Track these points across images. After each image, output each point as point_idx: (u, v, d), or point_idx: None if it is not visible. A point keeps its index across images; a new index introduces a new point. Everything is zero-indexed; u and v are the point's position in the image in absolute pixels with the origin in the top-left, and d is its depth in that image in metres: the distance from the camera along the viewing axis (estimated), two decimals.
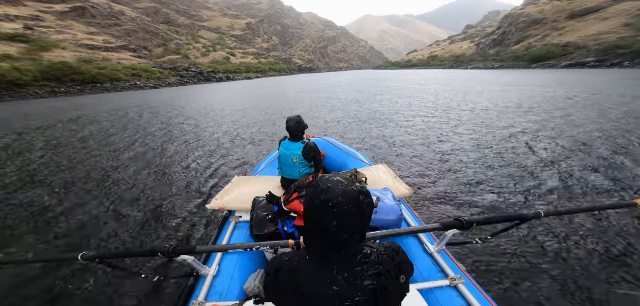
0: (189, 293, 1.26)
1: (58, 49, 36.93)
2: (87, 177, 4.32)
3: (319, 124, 8.06)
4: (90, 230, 2.80)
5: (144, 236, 2.65)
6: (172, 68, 47.14)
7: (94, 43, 48.07)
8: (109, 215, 3.09)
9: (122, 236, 2.65)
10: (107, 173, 4.48)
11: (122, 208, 3.21)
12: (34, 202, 3.45)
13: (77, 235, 2.74)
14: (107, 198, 3.50)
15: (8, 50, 29.27)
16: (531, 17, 75.53)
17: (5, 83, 20.76)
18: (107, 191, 3.74)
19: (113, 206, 3.29)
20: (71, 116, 11.09)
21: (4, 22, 41.09)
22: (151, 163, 4.93)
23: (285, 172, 2.12)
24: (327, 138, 3.18)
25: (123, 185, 3.95)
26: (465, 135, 5.86)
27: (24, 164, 5.08)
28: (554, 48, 53.04)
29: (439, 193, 3.25)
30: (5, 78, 20.80)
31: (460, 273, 1.31)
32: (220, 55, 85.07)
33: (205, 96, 19.23)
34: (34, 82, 22.68)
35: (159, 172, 4.43)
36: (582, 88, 13.85)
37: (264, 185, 2.19)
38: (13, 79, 21.20)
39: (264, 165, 2.82)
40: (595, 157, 4.17)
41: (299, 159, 2.00)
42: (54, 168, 4.84)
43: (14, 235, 2.79)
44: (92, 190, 3.80)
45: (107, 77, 28.87)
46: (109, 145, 6.30)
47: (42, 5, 54.64)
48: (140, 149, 5.88)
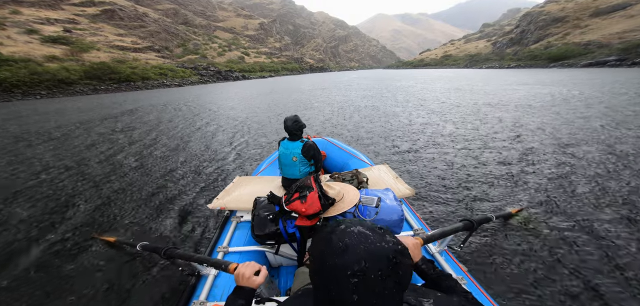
0: (190, 293, 1.27)
1: (94, 50, 40.39)
2: (115, 168, 4.68)
3: (320, 119, 8.66)
4: (93, 216, 3.00)
5: (144, 237, 2.64)
6: (193, 67, 49.91)
7: (123, 44, 51.74)
8: (113, 210, 3.19)
9: (123, 235, 2.70)
10: (139, 163, 4.85)
11: (124, 205, 3.28)
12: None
13: (90, 215, 3.03)
14: (118, 192, 3.66)
15: (53, 52, 32.64)
16: (552, 15, 73.01)
17: (56, 81, 23.56)
18: (120, 183, 3.98)
19: (116, 202, 3.41)
20: (124, 109, 13.03)
21: (45, 25, 45.27)
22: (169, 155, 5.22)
23: (286, 172, 2.13)
24: (327, 138, 3.19)
25: (139, 177, 4.15)
26: (467, 134, 5.85)
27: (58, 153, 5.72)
28: (574, 46, 51.48)
29: (440, 193, 3.24)
30: (56, 77, 23.61)
31: (462, 273, 1.31)
32: (235, 55, 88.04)
33: (230, 92, 20.98)
34: (79, 80, 25.48)
35: (175, 166, 4.63)
36: (589, 87, 14.08)
37: (265, 185, 2.21)
38: (63, 78, 23.99)
39: (264, 165, 2.84)
40: (588, 159, 4.11)
41: (298, 158, 2.02)
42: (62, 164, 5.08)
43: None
44: (112, 179, 4.10)
45: (138, 76, 31.56)
46: (143, 139, 6.79)
47: (76, 9, 59.23)
48: (164, 142, 6.23)
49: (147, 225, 2.84)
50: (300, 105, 12.66)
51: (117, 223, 2.92)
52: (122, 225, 2.89)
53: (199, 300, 1.19)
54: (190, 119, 9.66)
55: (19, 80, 21.35)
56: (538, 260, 2.06)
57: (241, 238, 1.65)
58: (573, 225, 2.47)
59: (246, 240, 1.63)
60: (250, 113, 10.70)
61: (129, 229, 2.80)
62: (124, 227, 2.86)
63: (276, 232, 1.42)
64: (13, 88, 20.90)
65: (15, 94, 20.79)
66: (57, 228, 2.85)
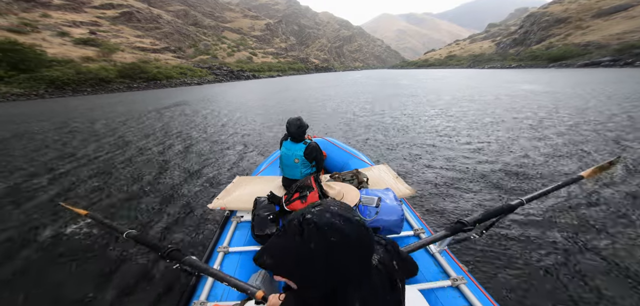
0: (190, 293, 1.27)
1: (119, 51, 43.79)
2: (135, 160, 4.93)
3: (323, 114, 9.42)
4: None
5: (144, 235, 2.60)
6: (208, 67, 53.08)
7: (143, 45, 55.16)
8: (116, 208, 3.23)
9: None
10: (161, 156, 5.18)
11: (126, 204, 3.29)
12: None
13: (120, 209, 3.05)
14: (121, 189, 3.71)
15: (87, 53, 36.00)
16: (554, 15, 74.23)
17: (98, 79, 26.75)
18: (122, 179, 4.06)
19: (121, 199, 3.43)
20: (174, 101, 15.71)
21: (72, 28, 48.89)
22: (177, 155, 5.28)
23: (287, 172, 2.14)
24: (328, 138, 3.23)
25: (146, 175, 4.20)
26: (467, 133, 5.88)
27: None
28: (573, 47, 53.15)
29: (440, 193, 3.24)
30: (98, 76, 26.82)
31: (462, 273, 1.32)
32: (243, 55, 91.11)
33: (249, 89, 23.43)
34: (115, 79, 28.68)
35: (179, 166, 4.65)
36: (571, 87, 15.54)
37: (265, 185, 2.22)
38: (103, 77, 27.20)
39: (265, 165, 2.86)
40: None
41: (300, 160, 2.03)
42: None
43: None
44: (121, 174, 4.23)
45: (163, 75, 34.71)
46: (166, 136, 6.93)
47: (97, 11, 62.94)
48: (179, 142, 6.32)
49: (141, 227, 2.81)
50: (316, 100, 15.15)
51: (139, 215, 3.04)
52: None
53: (199, 300, 1.21)
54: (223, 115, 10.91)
55: (69, 79, 24.58)
56: (540, 261, 2.06)
57: (241, 238, 1.66)
58: (575, 227, 2.45)
59: (246, 240, 1.63)
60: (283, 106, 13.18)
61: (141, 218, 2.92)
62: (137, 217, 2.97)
63: (276, 232, 1.30)
64: (64, 86, 24.10)
65: (67, 91, 23.98)
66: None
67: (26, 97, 21.29)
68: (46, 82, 23.28)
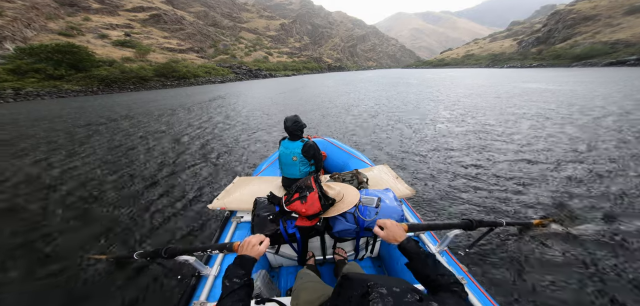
0: (190, 293, 1.28)
1: (151, 51, 47.80)
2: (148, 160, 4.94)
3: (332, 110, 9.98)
4: (96, 230, 2.81)
5: (144, 235, 2.68)
6: (228, 66, 56.28)
7: (170, 46, 59.32)
8: (116, 215, 3.13)
9: (122, 236, 2.69)
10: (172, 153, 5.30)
11: (127, 207, 3.28)
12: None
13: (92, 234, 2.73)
14: (122, 198, 3.55)
15: (126, 54, 39.92)
16: (581, 13, 70.85)
17: (138, 78, 30.06)
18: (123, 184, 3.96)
19: (120, 205, 3.34)
20: (216, 95, 17.81)
21: (110, 30, 53.71)
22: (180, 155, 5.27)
23: (286, 171, 2.16)
24: (328, 139, 3.23)
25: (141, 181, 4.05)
26: (468, 134, 5.86)
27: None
28: (600, 46, 50.92)
29: (440, 194, 3.23)
30: (138, 75, 30.15)
31: (463, 273, 1.32)
32: (260, 55, 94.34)
33: (272, 87, 24.86)
34: (152, 77, 31.96)
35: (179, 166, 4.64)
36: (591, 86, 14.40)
37: (265, 185, 2.24)
38: (142, 76, 30.52)
39: (265, 166, 2.87)
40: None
41: (298, 157, 2.05)
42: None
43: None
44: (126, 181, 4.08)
45: (191, 74, 37.85)
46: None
47: (130, 14, 68.16)
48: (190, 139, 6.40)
49: (141, 227, 2.82)
50: (330, 97, 16.56)
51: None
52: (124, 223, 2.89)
53: (199, 300, 1.22)
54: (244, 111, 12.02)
55: (116, 78, 27.96)
56: (540, 262, 2.05)
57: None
58: (575, 229, 2.42)
59: None
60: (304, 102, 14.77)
61: (129, 234, 2.72)
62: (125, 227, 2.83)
63: (276, 233, 1.41)
64: (112, 84, 27.48)
65: (114, 88, 27.33)
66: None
67: (83, 93, 24.71)
68: (98, 80, 26.74)
